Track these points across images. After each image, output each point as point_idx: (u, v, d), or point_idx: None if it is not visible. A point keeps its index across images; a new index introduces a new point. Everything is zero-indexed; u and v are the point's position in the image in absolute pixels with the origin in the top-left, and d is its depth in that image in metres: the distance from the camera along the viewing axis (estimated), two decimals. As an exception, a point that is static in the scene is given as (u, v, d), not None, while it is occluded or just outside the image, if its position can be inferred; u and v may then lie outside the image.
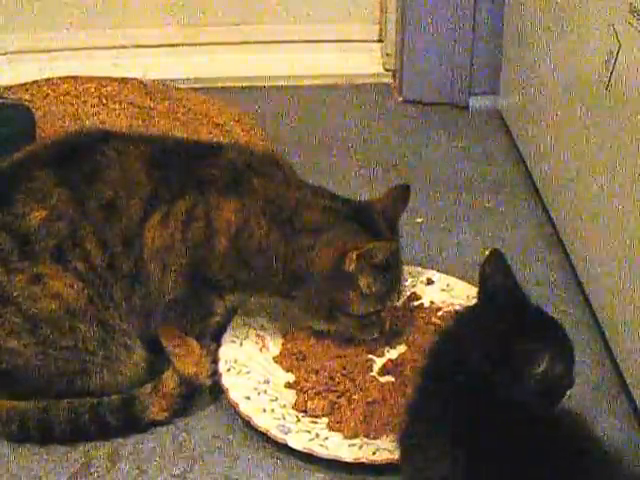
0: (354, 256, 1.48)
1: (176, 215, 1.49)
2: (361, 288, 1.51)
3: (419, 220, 1.97)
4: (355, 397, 1.50)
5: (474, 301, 1.63)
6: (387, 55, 2.56)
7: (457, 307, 1.61)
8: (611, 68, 1.52)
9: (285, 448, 1.44)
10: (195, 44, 2.57)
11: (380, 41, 2.63)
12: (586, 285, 1.73)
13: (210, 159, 1.55)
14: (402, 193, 1.61)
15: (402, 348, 1.61)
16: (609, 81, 1.54)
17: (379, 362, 1.59)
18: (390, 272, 1.52)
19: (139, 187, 1.49)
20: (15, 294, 1.44)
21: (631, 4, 1.43)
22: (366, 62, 2.60)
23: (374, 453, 1.41)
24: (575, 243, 1.79)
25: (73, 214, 1.46)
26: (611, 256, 1.58)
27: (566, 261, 1.83)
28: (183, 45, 2.57)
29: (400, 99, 2.46)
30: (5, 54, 2.51)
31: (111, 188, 1.48)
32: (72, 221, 1.46)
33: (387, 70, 2.57)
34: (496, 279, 1.29)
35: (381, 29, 2.62)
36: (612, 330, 1.60)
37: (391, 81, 2.55)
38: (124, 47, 2.54)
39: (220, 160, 1.55)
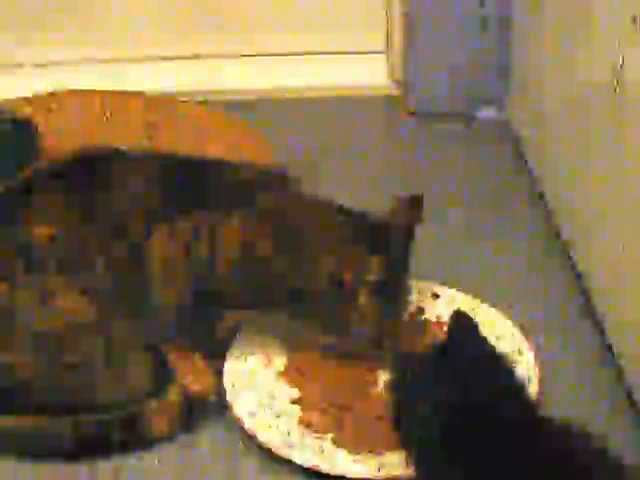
0: (350, 269, 1.47)
1: (181, 231, 1.49)
2: (360, 307, 1.49)
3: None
4: (360, 412, 1.50)
5: (478, 315, 1.64)
6: (393, 66, 2.56)
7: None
8: (616, 79, 1.52)
9: (290, 464, 1.43)
10: (199, 56, 2.57)
11: (386, 52, 2.62)
12: (594, 298, 1.72)
13: (216, 175, 1.55)
14: (415, 204, 1.56)
15: (408, 363, 1.61)
16: (615, 92, 1.53)
17: (385, 377, 1.58)
18: (391, 292, 1.51)
19: (145, 204, 1.49)
20: (20, 310, 1.44)
21: (634, 14, 1.43)
22: (372, 74, 2.59)
23: (379, 469, 1.40)
24: (583, 256, 1.78)
25: (80, 231, 1.46)
26: (621, 269, 1.57)
27: (574, 275, 1.82)
28: (187, 58, 2.56)
29: (406, 111, 2.46)
30: (7, 67, 2.52)
31: (118, 204, 1.48)
32: (79, 237, 1.46)
33: (393, 81, 2.57)
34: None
35: (387, 40, 2.61)
36: (617, 340, 1.59)
37: (397, 93, 2.54)
38: (129, 60, 2.54)
39: (226, 176, 1.55)
